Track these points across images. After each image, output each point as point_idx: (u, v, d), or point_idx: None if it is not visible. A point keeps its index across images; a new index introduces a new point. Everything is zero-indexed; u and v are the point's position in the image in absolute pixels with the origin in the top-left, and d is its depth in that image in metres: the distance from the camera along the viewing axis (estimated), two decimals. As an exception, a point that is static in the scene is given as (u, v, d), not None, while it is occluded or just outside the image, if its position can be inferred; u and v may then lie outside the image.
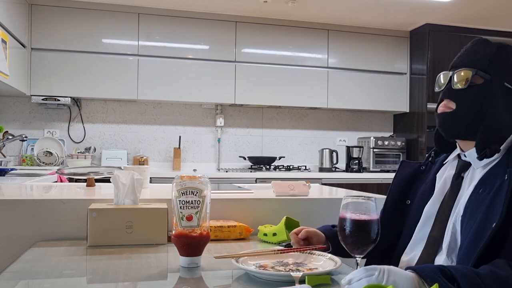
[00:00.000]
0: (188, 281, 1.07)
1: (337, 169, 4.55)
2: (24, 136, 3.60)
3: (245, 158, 4.35)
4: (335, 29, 4.42)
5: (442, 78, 1.21)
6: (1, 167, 3.08)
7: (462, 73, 1.14)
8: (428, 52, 4.34)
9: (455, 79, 1.15)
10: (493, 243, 0.98)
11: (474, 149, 1.13)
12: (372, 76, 4.44)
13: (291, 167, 4.37)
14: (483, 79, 1.12)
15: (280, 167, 4.34)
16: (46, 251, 1.29)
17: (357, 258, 0.95)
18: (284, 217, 1.45)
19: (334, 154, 4.48)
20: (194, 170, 4.28)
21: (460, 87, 1.14)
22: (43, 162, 3.89)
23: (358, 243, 0.93)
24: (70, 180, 2.83)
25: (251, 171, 4.16)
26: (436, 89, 1.23)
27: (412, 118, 4.52)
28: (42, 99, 3.81)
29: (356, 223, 0.93)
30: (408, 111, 4.59)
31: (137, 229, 1.37)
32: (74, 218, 1.45)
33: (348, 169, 4.46)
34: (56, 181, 2.80)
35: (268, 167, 4.29)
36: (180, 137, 4.32)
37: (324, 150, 4.49)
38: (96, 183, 2.02)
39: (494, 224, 0.98)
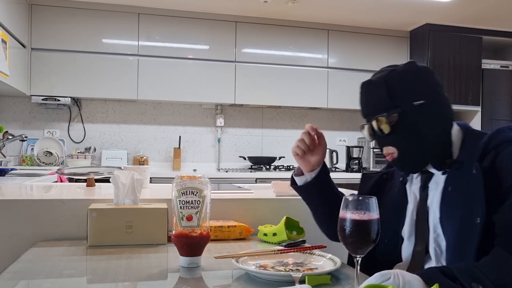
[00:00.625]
0: (188, 281, 1.07)
1: (337, 169, 4.55)
2: (24, 136, 3.60)
3: (245, 158, 4.35)
4: (335, 29, 4.42)
5: (365, 130, 1.22)
6: (1, 167, 3.08)
7: (378, 122, 1.16)
8: (428, 52, 4.34)
9: (377, 129, 1.17)
10: (486, 237, 1.00)
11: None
12: (372, 76, 4.44)
13: (291, 167, 4.37)
14: (397, 114, 1.14)
15: (280, 167, 4.34)
16: (46, 251, 1.29)
17: (357, 258, 0.95)
18: (284, 217, 1.45)
19: (334, 154, 4.48)
20: (194, 170, 4.28)
21: (386, 133, 1.16)
22: (43, 162, 3.89)
23: (359, 243, 0.93)
24: (70, 180, 2.83)
25: (251, 171, 4.16)
26: (369, 141, 1.28)
27: (412, 118, 4.52)
28: (42, 99, 3.81)
29: (356, 223, 0.92)
30: (408, 111, 4.58)
31: (137, 229, 1.37)
32: (74, 218, 1.45)
33: (348, 169, 4.46)
34: (56, 181, 2.80)
35: (268, 167, 4.29)
36: (180, 137, 4.32)
37: (324, 150, 4.48)
38: (96, 183, 2.02)
39: (479, 220, 1.01)
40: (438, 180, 1.17)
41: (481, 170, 1.05)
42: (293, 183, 1.38)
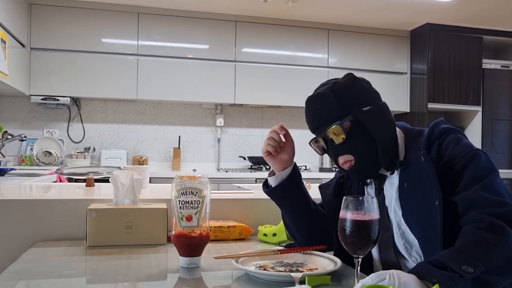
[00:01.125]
0: (187, 281, 1.06)
1: (337, 169, 4.54)
2: (23, 136, 3.60)
3: (245, 158, 4.35)
4: (335, 29, 4.41)
5: (318, 144, 1.25)
6: (0, 167, 3.08)
7: (332, 131, 1.19)
8: (429, 52, 4.34)
9: (332, 138, 1.20)
10: (448, 218, 1.06)
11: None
12: (372, 76, 4.43)
13: (291, 167, 4.36)
14: (349, 122, 1.19)
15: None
16: (45, 251, 1.29)
17: (359, 259, 0.95)
18: (284, 217, 1.45)
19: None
20: (194, 170, 4.28)
21: (341, 141, 1.19)
22: (43, 162, 3.89)
23: (359, 243, 0.92)
24: (70, 180, 2.83)
25: (251, 171, 4.16)
26: (320, 154, 1.29)
27: (413, 118, 4.52)
28: (42, 99, 3.81)
29: (357, 223, 0.92)
30: (408, 110, 4.59)
31: (137, 229, 1.37)
32: (73, 218, 1.45)
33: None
34: (56, 181, 2.80)
35: (268, 167, 4.29)
36: (179, 137, 4.32)
37: (324, 150, 4.48)
38: (96, 183, 2.01)
39: (437, 202, 1.07)
40: (392, 180, 1.23)
41: (428, 157, 1.12)
42: (266, 188, 1.34)
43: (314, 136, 1.27)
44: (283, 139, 1.34)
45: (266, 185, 1.35)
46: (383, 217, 1.22)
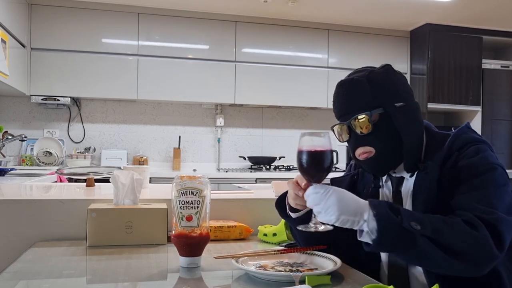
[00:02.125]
0: (188, 281, 1.06)
1: (337, 169, 4.54)
2: (23, 136, 3.60)
3: (245, 158, 4.35)
4: (335, 29, 4.41)
5: (341, 130, 1.21)
6: (0, 167, 3.08)
7: (360, 120, 1.15)
8: (428, 52, 4.34)
9: (356, 128, 1.16)
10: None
11: (402, 166, 1.20)
12: (372, 76, 4.44)
13: (291, 167, 4.37)
14: (378, 114, 1.15)
15: (280, 167, 4.34)
16: (45, 251, 1.29)
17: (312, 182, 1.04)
18: (284, 217, 1.45)
19: (335, 154, 4.46)
20: (194, 170, 4.28)
21: (366, 132, 1.15)
22: (43, 162, 3.89)
23: (314, 171, 1.03)
24: (70, 180, 2.83)
25: (251, 171, 4.16)
26: (341, 141, 1.24)
27: (412, 118, 4.51)
28: (42, 99, 3.81)
29: (311, 153, 1.02)
30: (408, 111, 4.58)
31: (137, 229, 1.37)
32: (73, 218, 1.45)
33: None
34: (56, 181, 2.80)
35: (268, 167, 4.29)
36: (180, 137, 4.32)
37: (324, 150, 4.48)
38: (96, 183, 2.01)
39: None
40: (408, 184, 1.20)
41: (436, 171, 1.10)
42: (283, 211, 1.25)
43: (338, 121, 1.22)
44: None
45: (280, 205, 1.25)
46: None
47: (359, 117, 1.14)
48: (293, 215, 1.19)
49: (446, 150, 1.13)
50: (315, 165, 1.03)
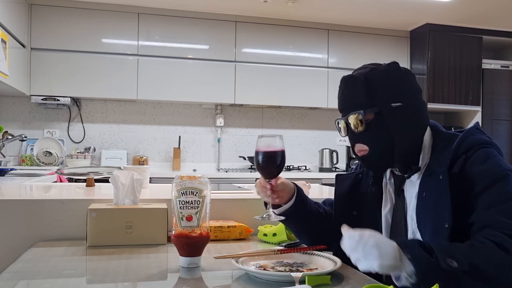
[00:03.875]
0: (188, 281, 1.06)
1: (337, 169, 4.55)
2: (23, 136, 3.60)
3: (245, 158, 4.35)
4: (335, 29, 4.41)
5: (340, 125, 1.22)
6: (0, 167, 3.08)
7: (353, 118, 1.16)
8: (428, 52, 4.34)
9: (351, 125, 1.17)
10: (454, 241, 1.01)
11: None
12: (372, 76, 4.44)
13: (291, 167, 4.37)
14: (373, 113, 1.14)
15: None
16: (45, 251, 1.29)
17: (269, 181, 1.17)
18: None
19: (334, 154, 4.48)
20: (194, 170, 4.28)
21: (360, 130, 1.16)
22: (43, 162, 3.89)
23: (267, 168, 1.16)
24: (70, 180, 2.83)
25: (251, 171, 4.16)
26: (342, 135, 1.25)
27: (412, 118, 4.52)
28: (42, 99, 3.81)
29: (265, 153, 1.15)
30: (408, 111, 4.58)
31: (137, 229, 1.37)
32: (73, 218, 1.45)
33: (348, 169, 4.46)
34: (56, 181, 2.80)
35: (268, 167, 4.28)
36: (180, 137, 4.32)
37: (324, 150, 4.49)
38: (96, 183, 2.02)
39: (447, 225, 1.02)
40: (414, 185, 1.17)
41: (448, 176, 1.06)
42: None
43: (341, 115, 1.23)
44: (269, 193, 1.22)
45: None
46: (400, 221, 1.19)
47: (353, 114, 1.15)
48: (276, 211, 1.26)
49: (453, 152, 1.10)
50: (269, 164, 1.15)
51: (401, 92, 1.15)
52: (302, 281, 0.97)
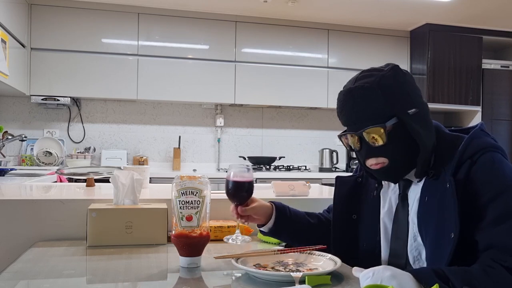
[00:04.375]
0: (188, 281, 1.06)
1: (337, 169, 4.54)
2: (23, 136, 3.60)
3: (245, 158, 4.35)
4: (335, 29, 4.41)
5: (349, 141, 1.14)
6: (0, 167, 3.08)
7: (373, 133, 1.08)
8: (428, 52, 4.34)
9: (370, 140, 1.10)
10: (458, 250, 1.00)
11: (413, 172, 1.14)
12: (372, 76, 4.43)
13: (291, 167, 4.37)
14: (392, 125, 1.08)
15: (280, 167, 4.34)
16: (45, 251, 1.29)
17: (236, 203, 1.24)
18: (284, 217, 1.45)
19: (334, 154, 4.48)
20: (194, 170, 4.28)
21: (381, 143, 1.09)
22: (43, 162, 3.89)
23: (235, 195, 1.23)
24: (70, 180, 2.83)
25: (251, 171, 4.15)
26: (350, 150, 1.20)
27: (412, 118, 4.51)
28: (42, 99, 3.81)
29: (234, 182, 1.22)
30: (408, 111, 4.58)
31: (137, 229, 1.37)
32: (73, 218, 1.45)
33: (348, 169, 4.46)
34: (56, 181, 2.80)
35: (268, 167, 4.29)
36: (180, 137, 4.32)
37: (324, 150, 4.49)
38: (96, 183, 2.02)
39: (453, 235, 1.00)
40: (416, 188, 1.16)
41: (454, 184, 1.02)
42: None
43: (345, 129, 1.16)
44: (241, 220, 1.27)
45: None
46: (402, 224, 1.17)
47: (373, 129, 1.07)
48: (263, 228, 1.33)
49: (458, 157, 1.06)
50: (237, 191, 1.23)
51: (414, 97, 1.11)
52: (302, 281, 0.97)
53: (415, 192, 1.16)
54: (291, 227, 1.32)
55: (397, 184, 1.21)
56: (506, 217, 0.97)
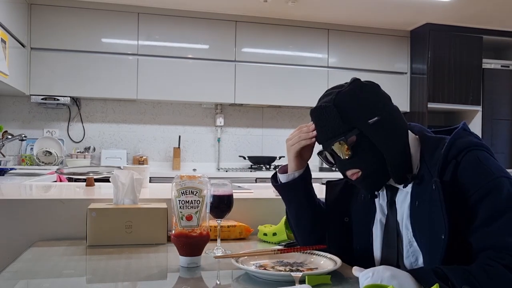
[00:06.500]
0: (188, 281, 1.06)
1: (337, 169, 4.54)
2: (23, 135, 3.60)
3: (245, 158, 4.35)
4: (335, 29, 4.41)
5: (325, 157, 1.21)
6: (0, 167, 3.08)
7: (337, 147, 1.13)
8: (429, 52, 4.34)
9: (338, 153, 1.15)
10: (451, 251, 1.00)
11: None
12: (372, 76, 4.43)
13: (291, 167, 4.36)
14: (355, 136, 1.11)
15: (280, 166, 4.33)
16: (45, 251, 1.29)
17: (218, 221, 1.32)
18: (284, 217, 1.45)
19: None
20: (194, 169, 4.28)
21: (348, 157, 1.13)
22: (43, 162, 3.89)
23: (218, 208, 1.30)
24: (70, 179, 2.83)
25: (251, 171, 4.16)
26: (329, 166, 1.24)
27: (413, 118, 4.52)
28: (42, 99, 3.81)
29: (216, 196, 1.29)
30: (408, 110, 4.59)
31: (137, 229, 1.37)
32: (73, 218, 1.45)
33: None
34: (56, 181, 2.80)
35: (268, 166, 4.29)
36: (179, 136, 4.32)
37: (324, 150, 4.48)
38: (96, 183, 2.02)
39: (443, 236, 1.00)
40: (405, 194, 1.16)
41: (440, 185, 1.03)
42: (275, 182, 1.34)
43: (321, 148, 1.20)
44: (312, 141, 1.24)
45: (275, 178, 1.34)
46: (391, 232, 1.17)
47: (336, 143, 1.13)
48: (282, 177, 1.31)
49: (442, 158, 1.07)
50: (220, 204, 1.31)
51: (374, 106, 1.13)
52: (302, 281, 0.97)
53: (404, 197, 1.16)
54: (305, 189, 1.30)
55: (385, 190, 1.21)
56: (497, 216, 0.98)
